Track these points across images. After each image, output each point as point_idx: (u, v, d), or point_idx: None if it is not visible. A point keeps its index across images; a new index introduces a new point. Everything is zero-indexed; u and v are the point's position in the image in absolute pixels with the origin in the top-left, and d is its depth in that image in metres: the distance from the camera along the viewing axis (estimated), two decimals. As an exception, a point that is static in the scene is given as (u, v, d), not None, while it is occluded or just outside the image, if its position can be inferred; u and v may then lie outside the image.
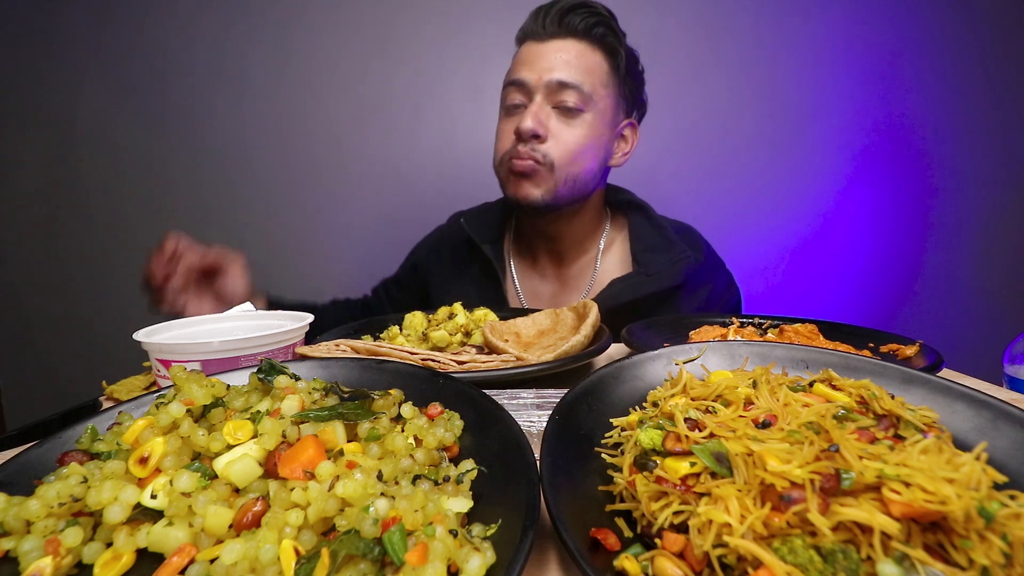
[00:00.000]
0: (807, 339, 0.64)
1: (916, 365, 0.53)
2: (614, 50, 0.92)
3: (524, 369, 0.50)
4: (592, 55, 0.90)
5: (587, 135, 0.90)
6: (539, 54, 0.89)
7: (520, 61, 0.92)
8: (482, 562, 0.21)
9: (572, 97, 0.87)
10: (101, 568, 0.23)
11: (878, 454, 0.24)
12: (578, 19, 0.88)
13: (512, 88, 0.91)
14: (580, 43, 0.89)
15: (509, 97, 0.92)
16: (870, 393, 0.31)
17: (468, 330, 0.70)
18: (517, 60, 0.93)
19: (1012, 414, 0.31)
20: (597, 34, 0.89)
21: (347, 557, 0.21)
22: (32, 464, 0.29)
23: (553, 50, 0.88)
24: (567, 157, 0.89)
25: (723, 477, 0.25)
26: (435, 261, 1.10)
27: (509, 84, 0.92)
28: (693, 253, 0.97)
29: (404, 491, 0.24)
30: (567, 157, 0.89)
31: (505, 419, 0.32)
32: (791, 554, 0.21)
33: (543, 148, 0.89)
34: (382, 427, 0.31)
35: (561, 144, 0.89)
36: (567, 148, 0.89)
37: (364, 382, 0.39)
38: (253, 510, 0.24)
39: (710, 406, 0.31)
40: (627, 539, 0.26)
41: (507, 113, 0.94)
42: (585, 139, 0.90)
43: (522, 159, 0.89)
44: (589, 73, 0.89)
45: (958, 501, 0.21)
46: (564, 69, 0.87)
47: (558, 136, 0.89)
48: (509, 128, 0.92)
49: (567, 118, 0.89)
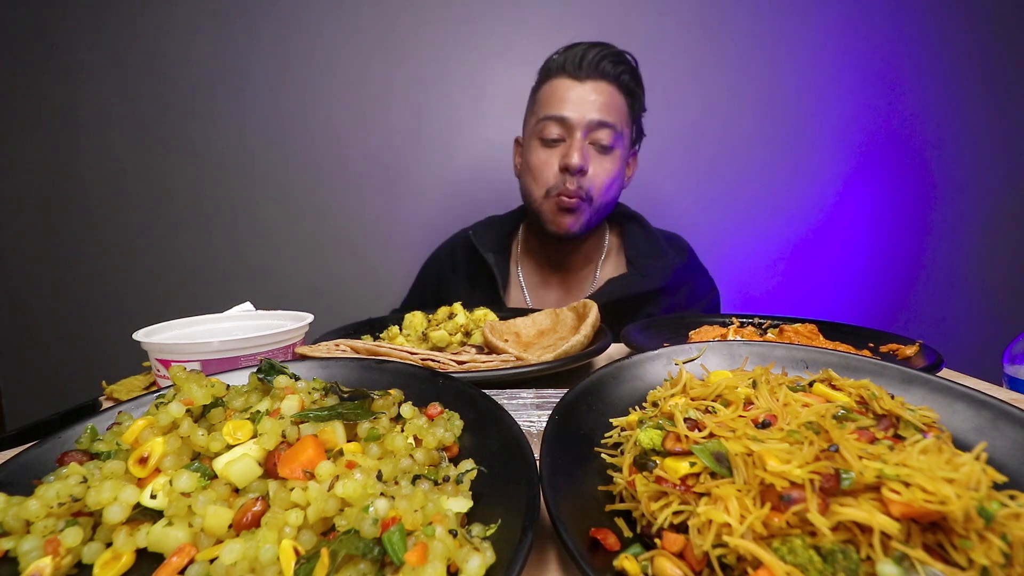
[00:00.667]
0: (807, 339, 0.64)
1: (916, 365, 0.53)
2: (634, 93, 1.03)
3: (524, 369, 0.50)
4: (618, 97, 0.99)
5: (615, 169, 1.00)
6: (578, 94, 0.96)
7: (558, 98, 0.98)
8: (482, 562, 0.21)
9: (606, 135, 0.96)
10: (101, 568, 0.23)
11: (878, 454, 0.24)
12: (611, 66, 0.97)
13: (550, 122, 0.98)
14: (611, 86, 0.98)
15: (547, 130, 0.98)
16: (870, 393, 0.31)
17: (468, 330, 0.70)
18: (553, 96, 0.99)
19: (1012, 414, 0.31)
20: (623, 80, 0.99)
21: (347, 557, 0.21)
22: (32, 464, 0.29)
23: (591, 91, 0.96)
24: (602, 190, 0.99)
25: (723, 477, 0.25)
26: (451, 272, 1.17)
27: (547, 118, 0.98)
28: (680, 257, 1.08)
29: (404, 491, 0.24)
30: (602, 190, 0.99)
31: (505, 419, 0.32)
32: (791, 554, 0.21)
33: (586, 184, 0.97)
34: (382, 427, 0.31)
35: (598, 180, 0.99)
36: (602, 182, 0.99)
37: (364, 382, 0.39)
38: (253, 510, 0.24)
39: (710, 406, 0.31)
40: (627, 539, 0.26)
41: (544, 145, 1.00)
42: (616, 173, 1.01)
43: (571, 196, 0.97)
44: (619, 114, 0.99)
45: (958, 501, 0.21)
46: (601, 110, 0.96)
47: (596, 172, 0.98)
48: (551, 161, 0.99)
49: (602, 155, 0.99)
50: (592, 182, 0.99)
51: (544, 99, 1.01)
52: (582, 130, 0.96)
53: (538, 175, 1.02)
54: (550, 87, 1.01)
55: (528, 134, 1.06)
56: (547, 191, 1.01)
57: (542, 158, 1.01)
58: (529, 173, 1.04)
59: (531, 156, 1.03)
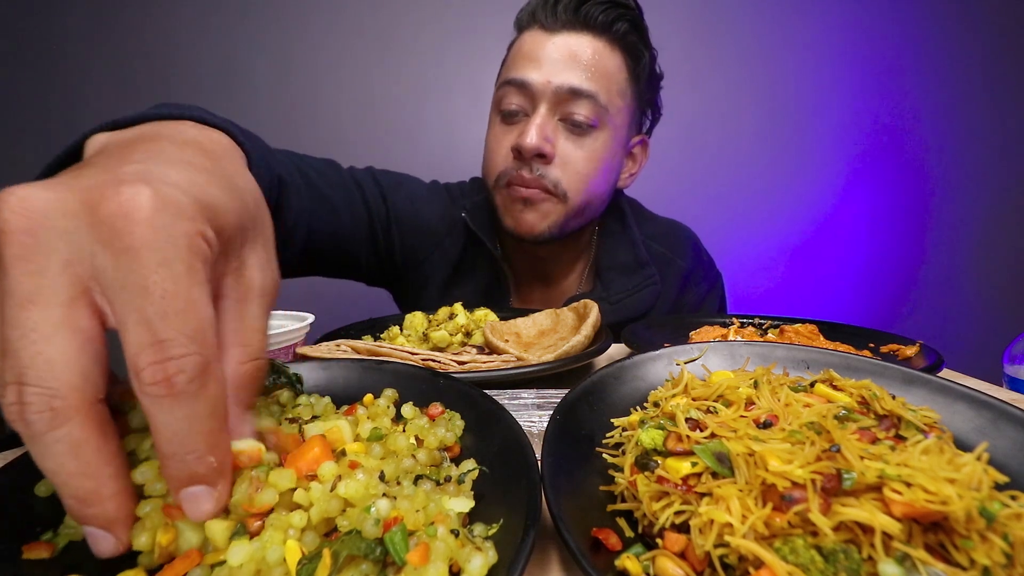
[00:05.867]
0: (807, 339, 0.64)
1: (916, 365, 0.53)
2: (637, 52, 0.77)
3: (525, 369, 0.50)
4: (611, 57, 0.74)
5: (600, 157, 0.76)
6: (547, 49, 0.72)
7: (522, 54, 0.75)
8: (484, 562, 0.21)
9: (584, 109, 0.73)
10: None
11: (879, 454, 0.24)
12: (598, 10, 0.72)
13: (510, 88, 0.75)
14: (597, 40, 0.73)
15: (506, 99, 0.76)
16: (871, 393, 0.31)
17: (468, 330, 0.70)
18: (517, 52, 0.76)
19: (1013, 414, 0.31)
20: (619, 30, 0.74)
21: (349, 557, 0.21)
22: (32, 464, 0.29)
23: (565, 45, 0.72)
24: (579, 184, 0.76)
25: (724, 477, 0.25)
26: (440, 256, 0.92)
27: (507, 83, 0.75)
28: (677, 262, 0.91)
29: (406, 491, 0.24)
30: (579, 184, 0.76)
31: (506, 419, 0.32)
32: (792, 554, 0.21)
33: (552, 174, 0.75)
34: (384, 427, 0.31)
35: (571, 169, 0.75)
36: (578, 173, 0.76)
37: (364, 382, 0.39)
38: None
39: (711, 406, 0.31)
40: (628, 539, 0.26)
41: (503, 119, 0.78)
42: (598, 162, 0.77)
43: (527, 185, 0.75)
44: (606, 79, 0.74)
45: (959, 501, 0.21)
46: (577, 71, 0.72)
47: (567, 158, 0.75)
48: (506, 140, 0.77)
49: (577, 135, 0.75)
50: (561, 172, 0.75)
51: (508, 61, 0.79)
52: (547, 99, 0.72)
53: (490, 157, 0.80)
54: (517, 44, 0.78)
55: (491, 106, 0.83)
56: (497, 179, 0.79)
57: (497, 136, 0.78)
58: (485, 154, 0.83)
59: (488, 133, 0.82)
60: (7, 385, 0.19)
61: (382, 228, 0.86)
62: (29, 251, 0.19)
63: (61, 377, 0.19)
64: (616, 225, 0.92)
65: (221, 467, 0.22)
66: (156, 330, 0.19)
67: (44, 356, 0.19)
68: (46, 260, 0.19)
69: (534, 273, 0.94)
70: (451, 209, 0.92)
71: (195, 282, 0.21)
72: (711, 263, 1.04)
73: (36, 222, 0.19)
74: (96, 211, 0.20)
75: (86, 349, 0.19)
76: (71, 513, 0.21)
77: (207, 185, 0.24)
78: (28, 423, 0.18)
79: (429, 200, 0.92)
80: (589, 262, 0.95)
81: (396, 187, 0.88)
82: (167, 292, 0.19)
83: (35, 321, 0.19)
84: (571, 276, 0.95)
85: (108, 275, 0.20)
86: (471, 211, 0.90)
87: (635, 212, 0.98)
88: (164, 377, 0.19)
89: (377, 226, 0.85)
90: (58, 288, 0.19)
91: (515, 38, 0.80)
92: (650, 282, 0.88)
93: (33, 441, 0.19)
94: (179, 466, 0.21)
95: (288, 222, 0.60)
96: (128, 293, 0.19)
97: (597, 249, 0.93)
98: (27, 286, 0.19)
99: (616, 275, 0.88)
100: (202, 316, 0.21)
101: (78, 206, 0.20)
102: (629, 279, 0.88)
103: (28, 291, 0.19)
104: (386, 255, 0.89)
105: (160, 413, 0.20)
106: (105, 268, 0.20)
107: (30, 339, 0.18)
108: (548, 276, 0.94)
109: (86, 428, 0.19)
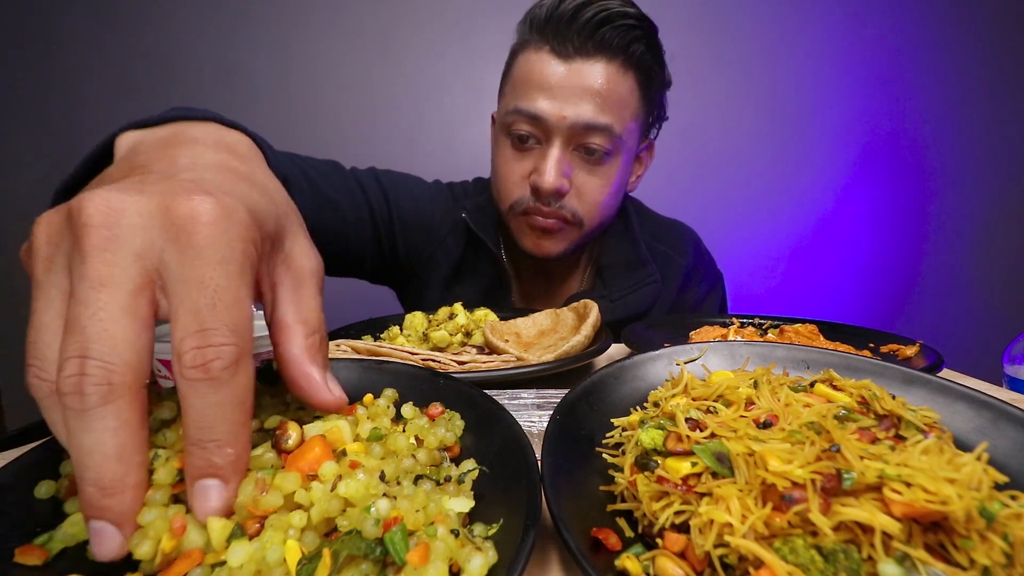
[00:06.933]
0: (807, 339, 0.64)
1: (916, 365, 0.53)
2: (650, 72, 0.76)
3: (525, 369, 0.50)
4: (624, 80, 0.72)
5: (613, 181, 0.77)
6: (558, 78, 0.70)
7: (532, 82, 0.72)
8: (484, 562, 0.21)
9: (599, 139, 0.72)
10: None
11: (879, 454, 0.24)
12: (615, 34, 0.69)
13: (521, 117, 0.73)
14: (611, 64, 0.71)
15: (517, 125, 0.74)
16: (871, 393, 0.31)
17: (468, 330, 0.70)
18: (527, 77, 0.73)
19: (1013, 414, 0.31)
20: (634, 52, 0.71)
21: (349, 557, 0.21)
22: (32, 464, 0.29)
23: (578, 76, 0.70)
24: (594, 211, 0.78)
25: (724, 477, 0.25)
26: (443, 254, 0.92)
27: (517, 112, 0.73)
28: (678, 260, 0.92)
29: (406, 491, 0.24)
30: (594, 211, 0.78)
31: (506, 419, 0.32)
32: (792, 554, 0.21)
33: (570, 204, 0.76)
34: (384, 427, 0.31)
35: (588, 198, 0.76)
36: (594, 201, 0.77)
37: (364, 382, 0.39)
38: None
39: (711, 406, 0.31)
40: (628, 539, 0.26)
41: (513, 144, 0.77)
42: (611, 186, 0.77)
43: (545, 217, 0.76)
44: (621, 108, 0.72)
45: (959, 501, 0.21)
46: (592, 105, 0.70)
47: (582, 188, 0.75)
48: (519, 168, 0.77)
49: (592, 164, 0.75)
50: (578, 202, 0.76)
51: (517, 80, 0.75)
52: (562, 134, 0.72)
53: (503, 184, 0.79)
54: (525, 62, 0.74)
55: (497, 121, 0.81)
56: (511, 206, 0.79)
57: (509, 163, 0.78)
58: (495, 177, 0.82)
59: (497, 155, 0.80)
60: (68, 359, 0.20)
61: (385, 227, 0.87)
62: (107, 242, 0.21)
63: (123, 354, 0.21)
64: (618, 224, 0.93)
65: (237, 462, 0.23)
66: (204, 319, 0.22)
67: (109, 333, 0.20)
68: (121, 251, 0.21)
69: (535, 272, 0.95)
70: (453, 208, 0.93)
71: (244, 283, 0.23)
72: (712, 263, 1.04)
73: (115, 219, 0.22)
74: (168, 213, 0.22)
75: (144, 334, 0.22)
76: (86, 502, 0.21)
77: (250, 193, 0.27)
78: (84, 394, 0.20)
79: (431, 199, 0.92)
80: (590, 261, 0.96)
81: (398, 187, 0.88)
82: (220, 287, 0.22)
83: (105, 302, 0.21)
84: (573, 275, 0.96)
85: (172, 268, 0.22)
86: (471, 211, 0.90)
87: (637, 211, 0.99)
88: (203, 362, 0.21)
89: (380, 226, 0.86)
90: (129, 276, 0.21)
91: (519, 49, 0.77)
92: (651, 280, 0.88)
93: (80, 416, 0.20)
94: (201, 454, 0.22)
95: None
96: (186, 285, 0.22)
97: (598, 247, 0.94)
98: (102, 271, 0.21)
99: (617, 273, 0.89)
100: (245, 313, 0.23)
101: (152, 208, 0.22)
102: (630, 277, 0.88)
103: (102, 275, 0.21)
104: (390, 254, 0.90)
105: (194, 396, 0.22)
106: (170, 262, 0.22)
107: (99, 317, 0.20)
108: (550, 275, 0.95)
109: (132, 409, 0.21)
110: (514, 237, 0.84)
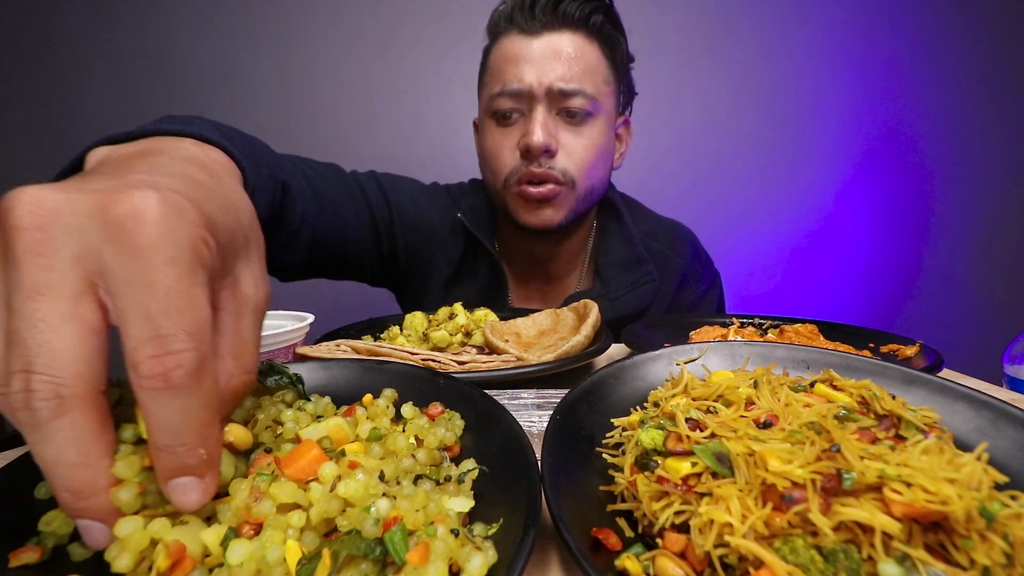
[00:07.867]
0: (807, 339, 0.64)
1: (916, 365, 0.53)
2: (613, 40, 0.81)
3: (525, 369, 0.50)
4: (591, 49, 0.78)
5: (598, 144, 0.81)
6: (532, 52, 0.76)
7: (507, 60, 0.78)
8: (483, 561, 0.21)
9: (578, 101, 0.77)
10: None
11: (879, 454, 0.24)
12: (575, 6, 0.75)
13: (504, 97, 0.78)
14: (576, 35, 0.77)
15: (497, 104, 0.79)
16: (871, 393, 0.31)
17: (468, 330, 0.70)
18: (501, 58, 0.79)
19: (1013, 414, 0.31)
20: (595, 23, 0.78)
21: (348, 557, 0.21)
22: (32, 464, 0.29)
23: (548, 45, 0.75)
24: (583, 171, 0.80)
25: (724, 477, 0.25)
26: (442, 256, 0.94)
27: (501, 93, 0.78)
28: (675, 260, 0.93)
29: (405, 491, 0.24)
30: (583, 171, 0.80)
31: (506, 419, 0.32)
32: (792, 554, 0.21)
33: (559, 164, 0.78)
34: (384, 427, 0.31)
35: (575, 157, 0.79)
36: (582, 160, 0.79)
37: (364, 382, 0.39)
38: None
39: (711, 406, 0.31)
40: (628, 539, 0.26)
41: (498, 123, 0.81)
42: (596, 147, 0.80)
43: (540, 184, 0.78)
44: (592, 72, 0.78)
45: (959, 501, 0.21)
46: (565, 69, 0.75)
47: (568, 148, 0.78)
48: (507, 141, 0.80)
49: (575, 125, 0.79)
50: (568, 161, 0.78)
51: (494, 67, 0.81)
52: (543, 100, 0.76)
53: (494, 161, 0.82)
54: (498, 50, 0.80)
55: (481, 112, 0.85)
56: (505, 179, 0.81)
57: (497, 139, 0.81)
58: (485, 160, 0.85)
59: (485, 139, 0.84)
60: (13, 374, 0.19)
61: (385, 230, 0.88)
62: (40, 246, 0.20)
63: (68, 366, 0.19)
64: (613, 223, 0.94)
65: (211, 459, 0.23)
66: (158, 325, 0.20)
67: (51, 345, 0.19)
68: (56, 255, 0.20)
69: (533, 272, 0.96)
70: (452, 210, 0.94)
71: (196, 282, 0.21)
72: (709, 262, 1.05)
73: (48, 219, 0.20)
74: (106, 212, 0.20)
75: (91, 341, 0.20)
76: (65, 507, 0.21)
77: (207, 202, 0.25)
78: (34, 410, 0.19)
79: (430, 201, 0.94)
80: (587, 260, 0.96)
81: (398, 189, 0.90)
82: (170, 289, 0.20)
83: (43, 312, 0.19)
84: (570, 275, 0.96)
85: (114, 272, 0.20)
86: (467, 212, 0.92)
87: (633, 210, 0.99)
88: (162, 371, 0.20)
89: (381, 228, 0.87)
90: (66, 282, 0.20)
91: (490, 44, 0.83)
92: (649, 279, 0.89)
93: (35, 429, 0.19)
94: (170, 458, 0.21)
95: (293, 225, 0.62)
96: (132, 289, 0.20)
97: (595, 247, 0.95)
98: (37, 279, 0.19)
99: (615, 272, 0.90)
100: (201, 314, 0.22)
101: (89, 206, 0.21)
102: (628, 275, 0.89)
103: (37, 283, 0.19)
104: (390, 256, 0.91)
105: (156, 406, 0.20)
106: (112, 265, 0.20)
107: (38, 329, 0.19)
108: (548, 275, 0.96)
109: (88, 417, 0.20)
110: (512, 216, 0.84)
